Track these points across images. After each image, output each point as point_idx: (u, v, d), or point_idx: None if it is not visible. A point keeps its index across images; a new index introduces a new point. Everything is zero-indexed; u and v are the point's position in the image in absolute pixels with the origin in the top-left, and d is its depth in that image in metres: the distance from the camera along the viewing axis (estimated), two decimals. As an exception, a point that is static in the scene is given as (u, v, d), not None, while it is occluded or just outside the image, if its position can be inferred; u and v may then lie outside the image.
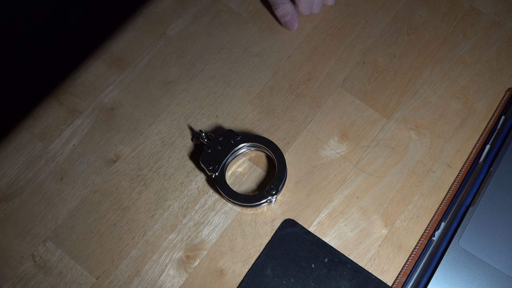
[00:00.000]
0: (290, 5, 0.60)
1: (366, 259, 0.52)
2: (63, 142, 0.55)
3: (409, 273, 0.52)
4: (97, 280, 0.50)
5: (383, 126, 0.58)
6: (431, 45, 0.63)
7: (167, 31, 0.62)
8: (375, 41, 0.63)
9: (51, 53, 0.60)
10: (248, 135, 0.55)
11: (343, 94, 0.59)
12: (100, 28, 0.64)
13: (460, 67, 0.62)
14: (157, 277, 0.50)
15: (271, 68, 0.60)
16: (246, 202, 0.52)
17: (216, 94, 0.59)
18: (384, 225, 0.53)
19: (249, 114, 0.58)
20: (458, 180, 0.56)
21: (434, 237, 0.53)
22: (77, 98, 0.58)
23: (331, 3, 0.63)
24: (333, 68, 0.61)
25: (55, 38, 0.60)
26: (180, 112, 0.58)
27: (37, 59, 0.60)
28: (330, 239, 0.53)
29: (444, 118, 0.59)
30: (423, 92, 0.60)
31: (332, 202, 0.54)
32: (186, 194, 0.54)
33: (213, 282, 0.50)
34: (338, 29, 0.63)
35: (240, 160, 0.56)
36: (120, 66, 0.60)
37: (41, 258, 0.50)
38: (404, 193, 0.55)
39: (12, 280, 0.50)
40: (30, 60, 0.59)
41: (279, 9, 0.60)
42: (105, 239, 0.51)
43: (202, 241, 0.52)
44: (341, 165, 0.56)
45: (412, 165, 0.56)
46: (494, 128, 0.58)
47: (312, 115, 0.58)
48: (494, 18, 0.65)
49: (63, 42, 0.61)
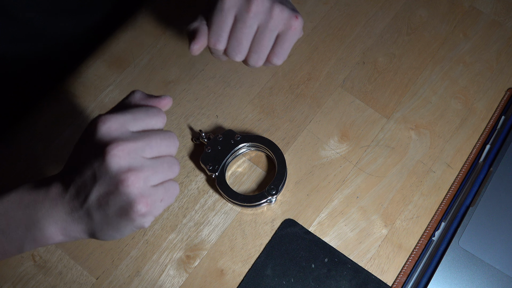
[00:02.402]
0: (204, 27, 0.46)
1: (366, 259, 0.52)
2: (63, 142, 0.55)
3: (409, 273, 0.52)
4: (97, 280, 0.50)
5: (383, 126, 0.58)
6: (431, 45, 0.63)
7: (166, 31, 0.62)
8: (375, 41, 0.63)
9: (51, 53, 0.61)
10: (248, 135, 0.55)
11: (343, 94, 0.59)
12: (100, 28, 0.64)
13: (460, 67, 0.62)
14: (157, 277, 0.50)
15: (271, 68, 0.60)
16: (246, 202, 0.52)
17: (216, 94, 0.59)
18: (384, 225, 0.53)
19: (249, 114, 0.58)
20: (458, 180, 0.56)
21: (434, 237, 0.53)
22: (77, 98, 0.58)
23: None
24: (333, 68, 0.61)
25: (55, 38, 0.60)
26: (180, 112, 0.58)
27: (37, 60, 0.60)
28: (330, 239, 0.53)
29: (444, 118, 0.59)
30: (423, 92, 0.60)
31: (332, 202, 0.54)
32: (186, 194, 0.54)
33: (213, 282, 0.50)
34: (338, 29, 0.63)
35: (240, 160, 0.56)
36: (120, 66, 0.60)
37: (41, 258, 0.51)
38: (404, 193, 0.55)
39: (12, 280, 0.50)
40: (30, 60, 0.59)
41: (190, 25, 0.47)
42: (105, 239, 0.52)
43: (202, 241, 0.52)
44: (341, 165, 0.56)
45: (412, 165, 0.56)
46: (494, 128, 0.58)
47: (312, 115, 0.58)
48: (494, 18, 0.65)
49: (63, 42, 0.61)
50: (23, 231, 0.37)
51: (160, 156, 0.37)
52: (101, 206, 0.35)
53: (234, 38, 0.45)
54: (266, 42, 0.45)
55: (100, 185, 0.35)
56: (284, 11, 0.44)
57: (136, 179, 0.34)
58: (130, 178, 0.34)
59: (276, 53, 0.46)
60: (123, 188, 0.34)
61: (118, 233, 0.37)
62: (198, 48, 0.45)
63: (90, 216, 0.36)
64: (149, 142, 0.36)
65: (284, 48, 0.46)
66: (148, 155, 0.36)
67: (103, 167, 0.34)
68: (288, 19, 0.44)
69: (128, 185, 0.34)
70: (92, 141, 0.35)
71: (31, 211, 0.37)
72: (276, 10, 0.44)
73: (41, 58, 0.60)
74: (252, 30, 0.44)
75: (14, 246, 0.38)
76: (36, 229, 0.37)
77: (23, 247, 0.38)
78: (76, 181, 0.36)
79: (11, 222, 0.37)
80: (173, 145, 0.38)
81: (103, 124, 0.35)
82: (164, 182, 0.37)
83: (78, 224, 0.37)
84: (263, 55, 0.46)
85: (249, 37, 0.45)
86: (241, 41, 0.44)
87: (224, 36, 0.45)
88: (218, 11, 0.44)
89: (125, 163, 0.34)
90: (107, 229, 0.36)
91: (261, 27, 0.44)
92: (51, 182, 0.37)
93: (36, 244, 0.38)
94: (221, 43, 0.45)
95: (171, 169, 0.37)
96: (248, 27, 0.44)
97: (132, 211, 0.35)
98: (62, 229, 0.37)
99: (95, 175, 0.35)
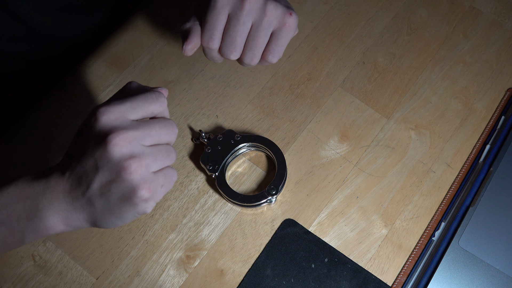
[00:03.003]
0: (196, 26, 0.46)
1: (366, 259, 0.52)
2: (63, 142, 0.55)
3: (409, 273, 0.52)
4: (97, 280, 0.50)
5: (383, 126, 0.58)
6: (431, 45, 0.63)
7: (167, 31, 0.62)
8: (375, 41, 0.63)
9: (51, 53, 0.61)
10: (248, 135, 0.55)
11: (343, 94, 0.59)
12: (100, 28, 0.64)
13: (460, 67, 0.62)
14: (157, 277, 0.50)
15: (271, 68, 0.60)
16: (246, 202, 0.52)
17: (216, 94, 0.59)
18: (384, 225, 0.53)
19: (249, 114, 0.58)
20: (458, 180, 0.56)
21: (434, 237, 0.53)
22: (77, 98, 0.58)
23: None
24: (333, 68, 0.61)
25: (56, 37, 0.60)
26: (180, 112, 0.58)
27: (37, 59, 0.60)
28: (330, 239, 0.53)
29: (444, 118, 0.59)
30: (423, 92, 0.60)
31: (332, 202, 0.54)
32: (186, 194, 0.54)
33: (213, 282, 0.50)
34: (338, 29, 0.63)
35: (240, 160, 0.56)
36: (120, 66, 0.60)
37: (41, 258, 0.50)
38: (404, 193, 0.55)
39: (12, 280, 0.50)
40: (30, 61, 0.59)
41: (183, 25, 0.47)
42: (105, 239, 0.52)
43: (202, 241, 0.52)
44: (341, 165, 0.56)
45: (412, 165, 0.56)
46: (494, 128, 0.58)
47: (312, 115, 0.58)
48: (494, 18, 0.65)
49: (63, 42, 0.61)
50: (24, 222, 0.38)
51: (158, 144, 0.38)
52: (103, 194, 0.36)
53: (228, 36, 0.44)
54: (260, 39, 0.45)
55: (103, 174, 0.35)
56: (278, 8, 0.44)
57: (139, 166, 0.35)
58: (132, 165, 0.35)
59: (271, 50, 0.46)
60: (126, 175, 0.35)
61: (120, 220, 0.38)
62: (190, 48, 0.45)
63: (92, 204, 0.37)
64: (149, 131, 0.37)
65: (279, 45, 0.46)
66: (148, 143, 0.37)
67: (105, 156, 0.35)
68: (282, 16, 0.44)
69: (131, 172, 0.35)
70: (92, 132, 0.36)
71: (32, 202, 0.37)
72: (269, 7, 0.43)
73: (42, 58, 0.60)
74: (246, 27, 0.44)
75: (15, 238, 0.38)
76: (37, 219, 0.37)
77: (24, 238, 0.39)
78: (77, 171, 0.36)
79: (11, 214, 0.38)
80: (172, 133, 0.39)
81: (102, 115, 0.36)
82: (163, 168, 0.38)
83: (80, 213, 0.37)
84: (258, 53, 0.46)
85: (243, 35, 0.44)
86: (235, 38, 0.44)
87: (217, 34, 0.44)
88: (211, 9, 0.43)
89: (127, 151, 0.35)
90: (109, 216, 0.37)
91: (255, 24, 0.44)
92: (51, 173, 0.38)
93: (38, 234, 0.38)
94: (214, 41, 0.45)
95: (169, 156, 0.38)
96: (242, 25, 0.44)
97: (136, 197, 0.36)
98: (64, 219, 0.37)
99: (97, 164, 0.35)
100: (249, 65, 0.47)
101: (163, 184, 0.38)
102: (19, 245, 0.39)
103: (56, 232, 0.38)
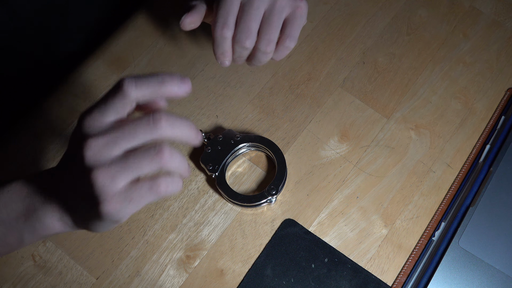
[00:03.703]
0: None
1: (366, 259, 0.52)
2: (63, 143, 0.55)
3: (409, 273, 0.52)
4: (97, 280, 0.50)
5: (383, 126, 0.58)
6: (431, 45, 0.63)
7: (166, 31, 0.62)
8: (375, 41, 0.63)
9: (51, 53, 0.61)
10: (248, 135, 0.55)
11: (343, 94, 0.59)
12: (100, 28, 0.64)
13: (460, 67, 0.62)
14: (157, 277, 0.50)
15: (271, 68, 0.60)
16: (246, 202, 0.52)
17: (216, 94, 0.59)
18: (384, 225, 0.53)
19: (249, 114, 0.58)
20: (458, 180, 0.56)
21: (434, 237, 0.53)
22: (77, 98, 0.58)
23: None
24: (333, 68, 0.61)
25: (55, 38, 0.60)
26: (180, 112, 0.58)
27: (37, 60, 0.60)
28: (330, 239, 0.53)
29: (444, 118, 0.59)
30: (423, 92, 0.60)
31: (332, 202, 0.54)
32: (186, 194, 0.54)
33: (213, 282, 0.50)
34: (338, 29, 0.63)
35: (240, 160, 0.56)
36: (120, 66, 0.60)
37: (41, 258, 0.51)
38: (404, 193, 0.55)
39: (12, 280, 0.50)
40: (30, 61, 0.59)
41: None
42: (105, 239, 0.52)
43: (202, 241, 0.52)
44: (341, 165, 0.56)
45: (412, 165, 0.56)
46: (494, 128, 0.58)
47: (312, 115, 0.58)
48: (494, 18, 0.65)
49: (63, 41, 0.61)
50: (23, 221, 0.38)
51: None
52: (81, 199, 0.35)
53: (242, 21, 0.44)
54: (274, 23, 0.45)
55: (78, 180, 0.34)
56: None
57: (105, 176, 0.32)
58: (100, 175, 0.32)
59: (287, 34, 0.46)
60: (92, 184, 0.33)
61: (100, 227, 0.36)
62: (189, 22, 0.45)
63: (77, 208, 0.36)
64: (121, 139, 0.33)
65: (294, 29, 0.46)
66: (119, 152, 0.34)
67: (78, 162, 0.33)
68: (293, 0, 0.45)
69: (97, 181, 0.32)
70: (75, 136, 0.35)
71: (30, 201, 0.37)
72: None
73: (41, 58, 0.60)
74: (259, 12, 0.44)
75: (15, 237, 0.39)
76: (34, 218, 0.37)
77: (23, 238, 0.38)
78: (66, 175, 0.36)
79: (11, 213, 0.38)
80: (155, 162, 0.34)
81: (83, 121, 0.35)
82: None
83: (72, 214, 0.37)
84: (274, 37, 0.45)
85: (258, 19, 0.44)
86: (250, 23, 0.44)
87: (231, 21, 0.44)
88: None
89: (96, 159, 0.33)
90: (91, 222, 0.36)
91: (268, 10, 0.44)
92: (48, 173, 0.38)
93: (36, 234, 0.38)
94: (228, 28, 0.44)
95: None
96: (256, 9, 0.44)
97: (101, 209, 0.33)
98: (60, 218, 0.37)
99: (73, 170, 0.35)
100: (263, 56, 0.46)
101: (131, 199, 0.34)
102: (19, 246, 0.39)
103: (55, 231, 0.38)
